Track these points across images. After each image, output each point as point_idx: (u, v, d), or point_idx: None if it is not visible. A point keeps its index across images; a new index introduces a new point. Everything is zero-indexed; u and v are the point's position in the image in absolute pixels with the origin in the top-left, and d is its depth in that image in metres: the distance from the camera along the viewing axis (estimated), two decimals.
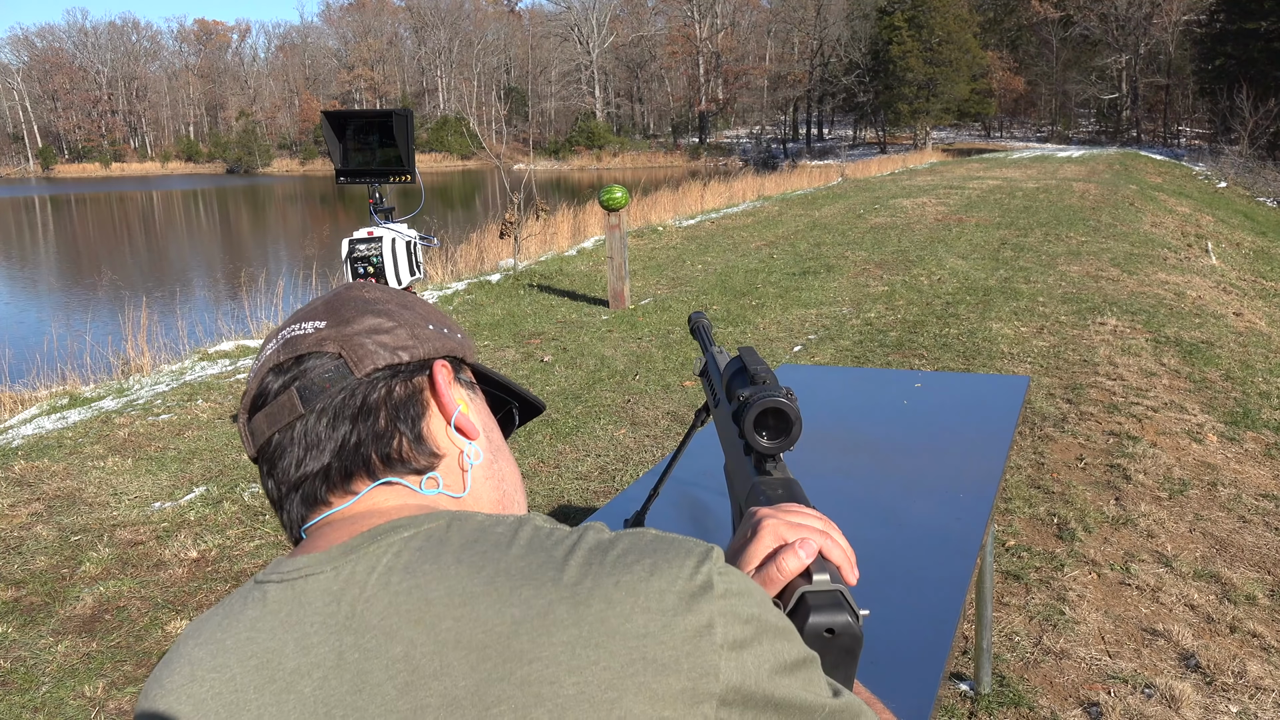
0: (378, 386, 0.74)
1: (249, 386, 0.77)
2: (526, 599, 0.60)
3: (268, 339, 0.79)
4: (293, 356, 0.74)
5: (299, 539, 0.75)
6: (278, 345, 0.76)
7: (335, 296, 0.80)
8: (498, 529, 0.66)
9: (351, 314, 0.77)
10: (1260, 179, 26.41)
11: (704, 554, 0.63)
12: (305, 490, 0.74)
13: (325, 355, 0.74)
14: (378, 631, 0.62)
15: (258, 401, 0.75)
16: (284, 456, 0.73)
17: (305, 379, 0.73)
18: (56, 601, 3.51)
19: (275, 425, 0.73)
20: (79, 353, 7.63)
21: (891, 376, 2.83)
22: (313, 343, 0.74)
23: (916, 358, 6.47)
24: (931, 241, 12.16)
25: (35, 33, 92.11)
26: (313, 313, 0.78)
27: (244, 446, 0.78)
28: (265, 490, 0.77)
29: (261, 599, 0.68)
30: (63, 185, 61.90)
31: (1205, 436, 4.94)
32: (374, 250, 3.22)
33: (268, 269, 15.97)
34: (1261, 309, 8.99)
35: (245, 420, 0.76)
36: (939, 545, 1.64)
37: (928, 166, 32.01)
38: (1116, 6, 54.29)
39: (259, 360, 0.77)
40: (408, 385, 0.76)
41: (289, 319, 0.79)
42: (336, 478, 0.73)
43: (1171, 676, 2.85)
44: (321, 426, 0.73)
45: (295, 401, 0.73)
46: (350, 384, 0.73)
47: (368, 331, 0.75)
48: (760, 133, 69.73)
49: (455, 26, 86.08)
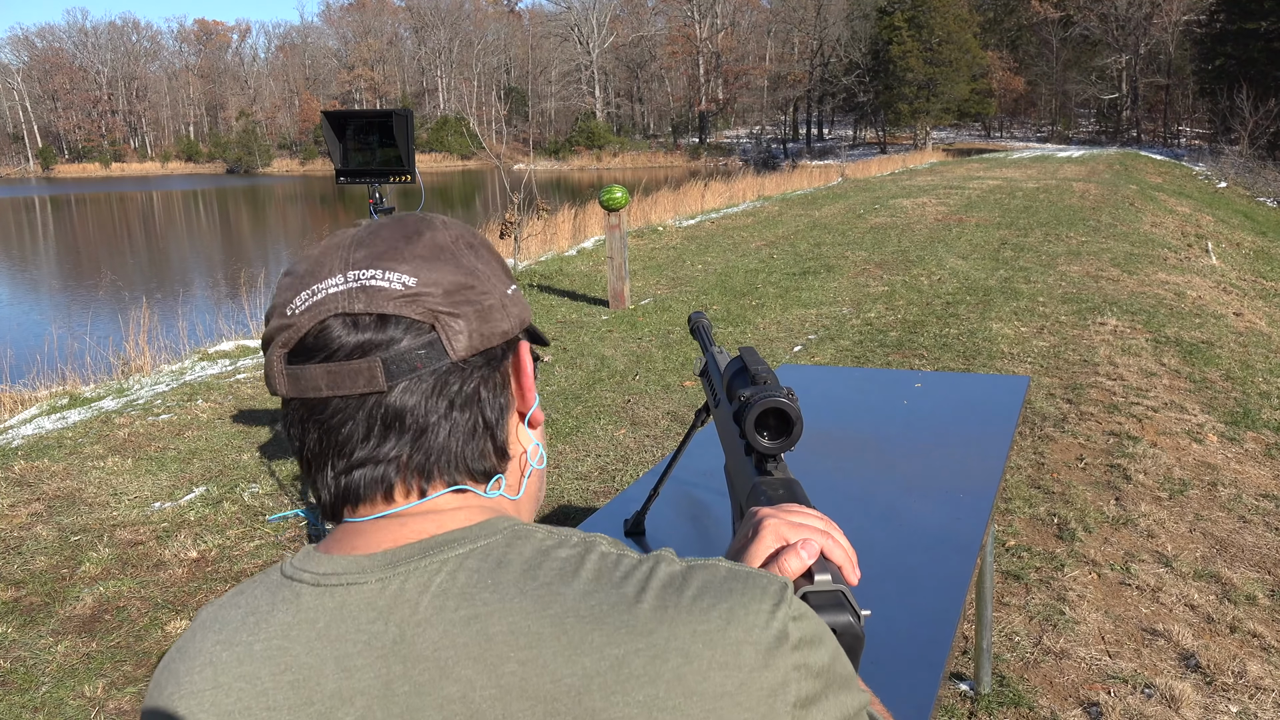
0: (472, 377, 0.66)
1: (295, 319, 0.64)
2: (598, 646, 0.56)
3: (324, 257, 0.66)
4: (374, 313, 0.63)
5: (335, 516, 0.67)
6: (349, 287, 0.63)
7: (413, 233, 0.67)
8: (560, 553, 0.61)
9: (442, 270, 0.66)
10: (1260, 179, 26.40)
11: (779, 595, 0.60)
12: (368, 477, 0.64)
13: (416, 325, 0.63)
14: (431, 664, 0.58)
15: (314, 347, 0.63)
16: (343, 425, 0.64)
17: (392, 352, 0.63)
18: (56, 601, 3.51)
19: (340, 389, 0.63)
20: (79, 353, 7.63)
21: (891, 376, 2.83)
22: (400, 303, 0.63)
23: (916, 358, 6.47)
24: (931, 241, 12.16)
25: (35, 33, 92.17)
26: (392, 253, 0.65)
27: (272, 383, 0.66)
28: (291, 434, 0.67)
29: (294, 601, 0.62)
30: (63, 185, 61.91)
31: (1205, 436, 4.94)
32: None
33: (267, 269, 15.98)
34: (1261, 309, 8.99)
35: (283, 359, 0.64)
36: (939, 545, 1.64)
37: (928, 166, 32.00)
38: (1116, 6, 54.28)
39: (314, 291, 0.64)
40: (498, 373, 0.68)
41: (353, 242, 0.66)
42: (412, 477, 0.65)
43: (1171, 676, 2.85)
44: (406, 414, 0.63)
45: (378, 376, 0.62)
46: (442, 368, 0.64)
47: (462, 299, 0.65)
48: (760, 133, 69.73)
49: (455, 26, 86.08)
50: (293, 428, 0.66)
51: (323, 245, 0.68)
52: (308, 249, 0.70)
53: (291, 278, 0.67)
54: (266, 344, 0.66)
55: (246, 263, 18.61)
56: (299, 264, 0.67)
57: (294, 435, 0.66)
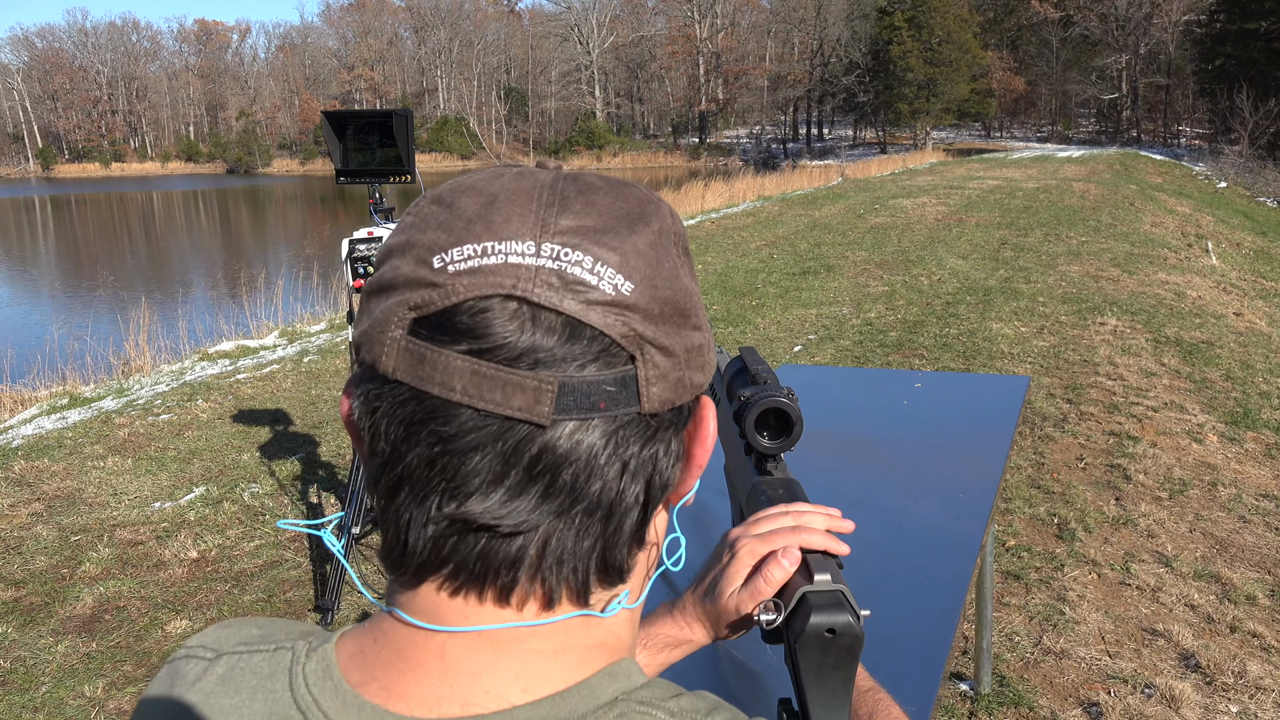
0: (655, 439, 0.48)
1: (448, 279, 0.45)
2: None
3: (508, 201, 0.47)
4: (566, 315, 0.45)
5: (399, 569, 0.48)
6: (541, 264, 0.45)
7: (638, 216, 0.49)
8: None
9: (661, 280, 0.48)
10: (1260, 179, 26.40)
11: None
12: (492, 553, 0.46)
13: (612, 350, 0.46)
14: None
15: (462, 328, 0.45)
16: (471, 452, 0.45)
17: (573, 376, 0.45)
18: (56, 601, 3.51)
19: (482, 400, 0.44)
20: (79, 353, 7.63)
21: (891, 376, 2.83)
22: (604, 312, 0.45)
23: (916, 358, 6.47)
24: (931, 241, 12.16)
25: (35, 33, 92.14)
26: (609, 234, 0.47)
27: (374, 347, 0.47)
28: (376, 429, 0.47)
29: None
30: (63, 185, 61.92)
31: (1205, 436, 4.94)
32: (374, 250, 3.22)
33: (267, 269, 15.98)
34: (1261, 309, 8.99)
35: (408, 325, 0.46)
36: (939, 545, 1.64)
37: (928, 166, 32.01)
38: (1116, 6, 54.29)
39: (486, 249, 0.46)
40: (679, 439, 0.50)
41: (555, 196, 0.48)
42: (544, 577, 0.47)
43: (1171, 676, 2.85)
44: (564, 466, 0.45)
45: (544, 403, 0.44)
46: (625, 418, 0.46)
47: (673, 328, 0.48)
48: (760, 133, 69.74)
49: (455, 26, 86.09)
50: (384, 420, 0.46)
51: (500, 182, 0.49)
52: (469, 175, 0.50)
53: (446, 212, 0.48)
54: (381, 289, 0.47)
55: (246, 263, 18.62)
56: (460, 196, 0.48)
57: (384, 434, 0.46)
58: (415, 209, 0.50)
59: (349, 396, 0.49)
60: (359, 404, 0.47)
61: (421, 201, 0.50)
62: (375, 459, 0.47)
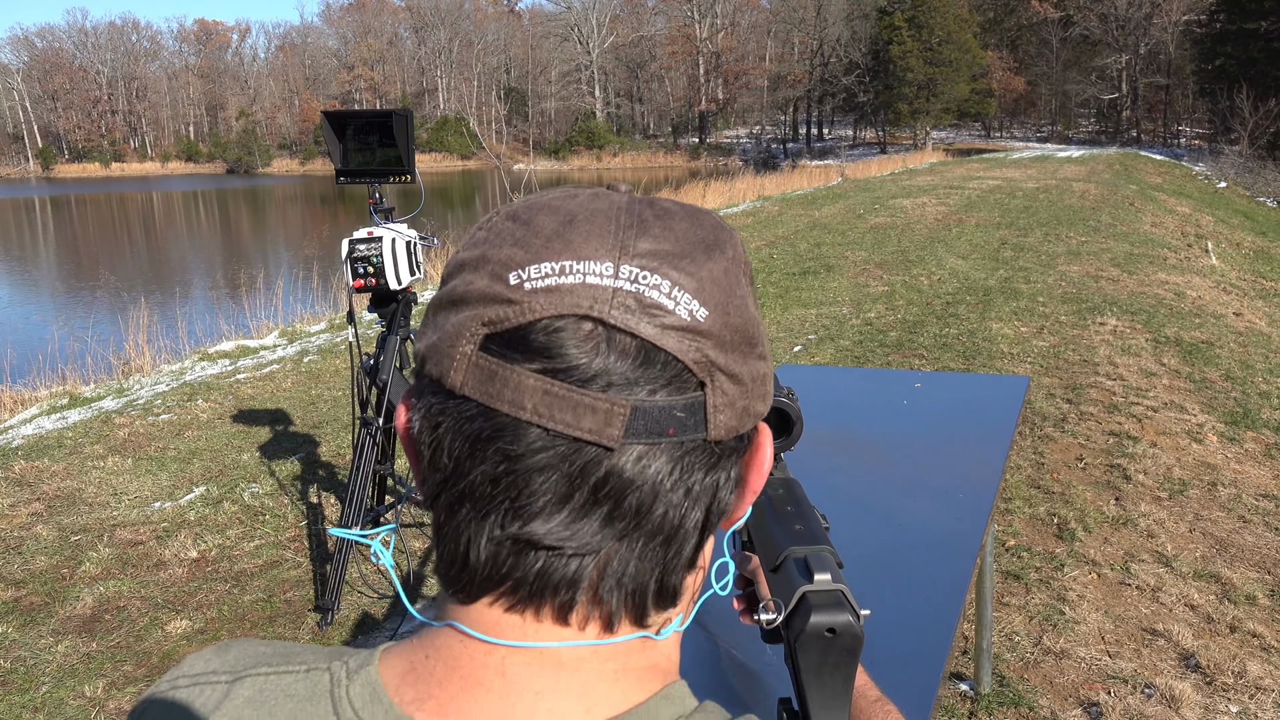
0: (718, 466, 0.47)
1: (524, 297, 0.44)
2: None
3: (586, 222, 0.47)
4: (642, 339, 0.44)
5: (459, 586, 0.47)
6: (619, 286, 0.45)
7: (713, 242, 0.49)
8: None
9: (732, 306, 0.47)
10: (1260, 179, 26.40)
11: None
12: (552, 571, 0.45)
13: (684, 376, 0.45)
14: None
15: (537, 347, 0.44)
16: (537, 472, 0.44)
17: (645, 400, 0.44)
18: (56, 601, 3.51)
19: (552, 420, 0.44)
20: (79, 353, 7.63)
21: (891, 376, 2.83)
22: (679, 338, 0.45)
23: (916, 358, 6.47)
24: (931, 241, 12.16)
25: (35, 33, 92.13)
26: (686, 260, 0.47)
27: (441, 361, 0.46)
28: (440, 442, 0.46)
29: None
30: (63, 185, 61.92)
31: (1205, 436, 4.94)
32: (374, 250, 3.22)
33: (267, 269, 15.98)
34: (1261, 309, 9.00)
35: (480, 341, 0.45)
36: (939, 545, 1.64)
37: (928, 166, 32.01)
38: (1116, 6, 54.29)
39: (565, 268, 0.45)
40: (737, 466, 0.49)
41: (633, 219, 0.47)
42: (603, 600, 0.46)
43: (1171, 676, 2.85)
44: (629, 491, 0.45)
45: (614, 427, 0.44)
46: (691, 445, 0.46)
47: (740, 357, 0.47)
48: (760, 133, 69.75)
49: (455, 26, 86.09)
50: (448, 435, 0.46)
51: (577, 202, 0.48)
52: (545, 194, 0.50)
53: (523, 229, 0.47)
54: (452, 302, 0.47)
55: (246, 263, 18.62)
56: (537, 213, 0.48)
57: (447, 448, 0.45)
58: (489, 224, 0.50)
59: (407, 408, 0.48)
60: (420, 418, 0.47)
61: (495, 217, 0.50)
62: (436, 474, 0.46)
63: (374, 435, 3.32)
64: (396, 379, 3.37)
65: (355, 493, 3.29)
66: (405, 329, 3.43)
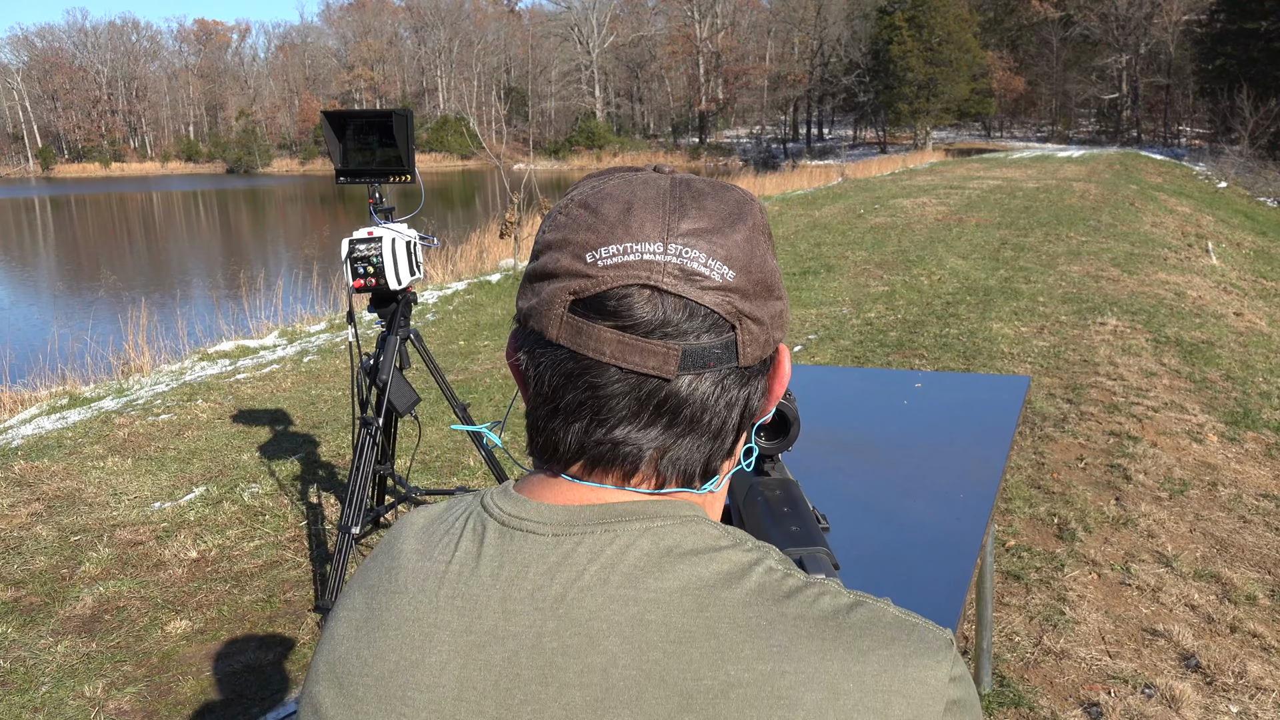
0: (750, 383, 0.64)
1: (598, 272, 0.61)
2: (747, 659, 0.56)
3: (640, 211, 0.62)
4: (687, 299, 0.60)
5: (550, 460, 0.65)
6: (668, 260, 0.60)
7: (738, 215, 0.64)
8: (731, 555, 0.61)
9: (754, 265, 0.63)
10: (1260, 179, 26.41)
11: (943, 653, 0.59)
12: (622, 454, 0.62)
13: (720, 323, 0.61)
14: (582, 631, 0.59)
15: (611, 310, 0.61)
16: (615, 397, 0.61)
17: (691, 343, 0.60)
18: (56, 601, 3.51)
19: (626, 362, 0.60)
20: (79, 353, 7.63)
21: (891, 376, 2.83)
22: (715, 295, 0.61)
23: (916, 358, 6.47)
24: (931, 241, 12.16)
25: (35, 33, 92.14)
26: (718, 234, 0.62)
27: (542, 321, 0.63)
28: (541, 376, 0.63)
29: (480, 533, 0.64)
30: (63, 186, 61.92)
31: (1205, 436, 4.94)
32: (374, 250, 3.22)
33: (267, 269, 15.98)
34: (1262, 309, 8.99)
35: (568, 305, 0.61)
36: (939, 545, 1.64)
37: (928, 166, 32.01)
38: (1116, 6, 54.29)
39: (626, 248, 0.61)
40: (765, 379, 0.66)
41: (675, 204, 0.63)
42: (660, 470, 0.63)
43: (1172, 676, 2.85)
44: (683, 407, 0.62)
45: (671, 364, 0.60)
46: (725, 372, 0.62)
47: (762, 302, 0.63)
48: (760, 133, 69.75)
49: (455, 26, 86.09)
50: (548, 371, 0.63)
51: (632, 190, 0.64)
52: (606, 182, 0.66)
53: (594, 217, 0.63)
54: (544, 274, 0.63)
55: (246, 263, 18.62)
56: (603, 202, 0.63)
57: (547, 380, 0.63)
58: (565, 210, 0.65)
59: (515, 350, 0.66)
60: (526, 358, 0.65)
61: (570, 204, 0.65)
62: (538, 397, 0.64)
63: (374, 435, 3.32)
64: (396, 379, 3.37)
65: (355, 493, 3.29)
66: (405, 329, 3.43)
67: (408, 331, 3.44)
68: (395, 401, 3.36)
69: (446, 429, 5.21)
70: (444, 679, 0.61)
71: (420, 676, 0.61)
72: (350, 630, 0.66)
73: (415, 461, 4.69)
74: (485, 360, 6.79)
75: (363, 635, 0.65)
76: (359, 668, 0.64)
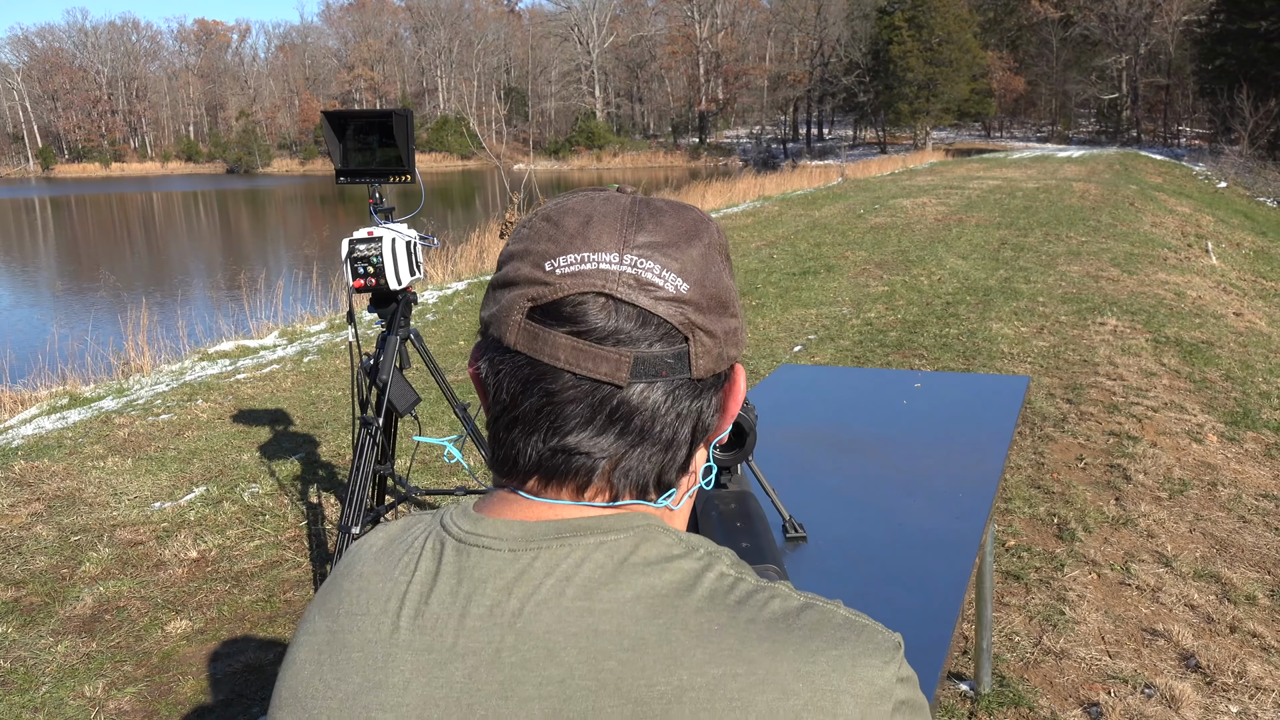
0: (701, 396, 0.65)
1: (555, 280, 0.62)
2: (699, 663, 0.57)
3: (598, 224, 0.63)
4: (640, 307, 0.61)
5: (509, 474, 0.66)
6: (622, 270, 0.62)
7: (694, 232, 0.65)
8: (683, 564, 0.62)
9: (709, 281, 0.64)
10: (1260, 179, 26.41)
11: (890, 654, 0.60)
12: (576, 465, 0.63)
13: (672, 333, 0.62)
14: (540, 644, 0.60)
15: (565, 316, 0.62)
16: (570, 403, 0.62)
17: (644, 351, 0.61)
18: (56, 601, 3.51)
19: (579, 368, 0.61)
20: (79, 353, 7.63)
21: (891, 376, 2.83)
22: (668, 306, 0.62)
23: (916, 358, 6.47)
24: (931, 241, 12.16)
25: (35, 33, 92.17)
26: (672, 248, 0.64)
27: (501, 328, 0.64)
28: (500, 384, 0.65)
29: (439, 551, 0.65)
30: (63, 186, 61.91)
31: (1205, 436, 4.94)
32: (374, 250, 3.22)
33: (268, 269, 15.98)
34: (1261, 309, 8.99)
35: (526, 312, 0.63)
36: (939, 545, 1.64)
37: (928, 166, 32.00)
38: (1116, 6, 54.30)
39: (583, 258, 0.62)
40: (718, 395, 0.67)
41: (632, 218, 0.64)
42: (613, 482, 0.64)
43: (1171, 676, 2.85)
44: (635, 415, 0.62)
45: (623, 371, 0.61)
46: (677, 383, 0.63)
47: (716, 317, 0.64)
48: (760, 133, 69.74)
49: (455, 26, 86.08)
50: (506, 378, 0.64)
51: (593, 205, 0.65)
52: (569, 199, 0.67)
53: (554, 229, 0.64)
54: (505, 283, 0.65)
55: (246, 263, 18.62)
56: (564, 216, 0.65)
57: (505, 387, 0.64)
58: (530, 224, 0.67)
59: (477, 359, 0.67)
60: (486, 365, 0.66)
61: (534, 219, 0.67)
62: (497, 406, 0.65)
63: (374, 435, 3.32)
64: (396, 379, 3.37)
65: (355, 493, 3.29)
66: (405, 329, 3.43)
67: (408, 331, 3.44)
68: (395, 401, 3.36)
69: (446, 429, 5.21)
70: (407, 699, 0.61)
71: (384, 697, 0.62)
72: (311, 654, 0.66)
73: (415, 461, 4.69)
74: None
75: (324, 659, 0.65)
76: (321, 691, 0.64)
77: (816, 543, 1.62)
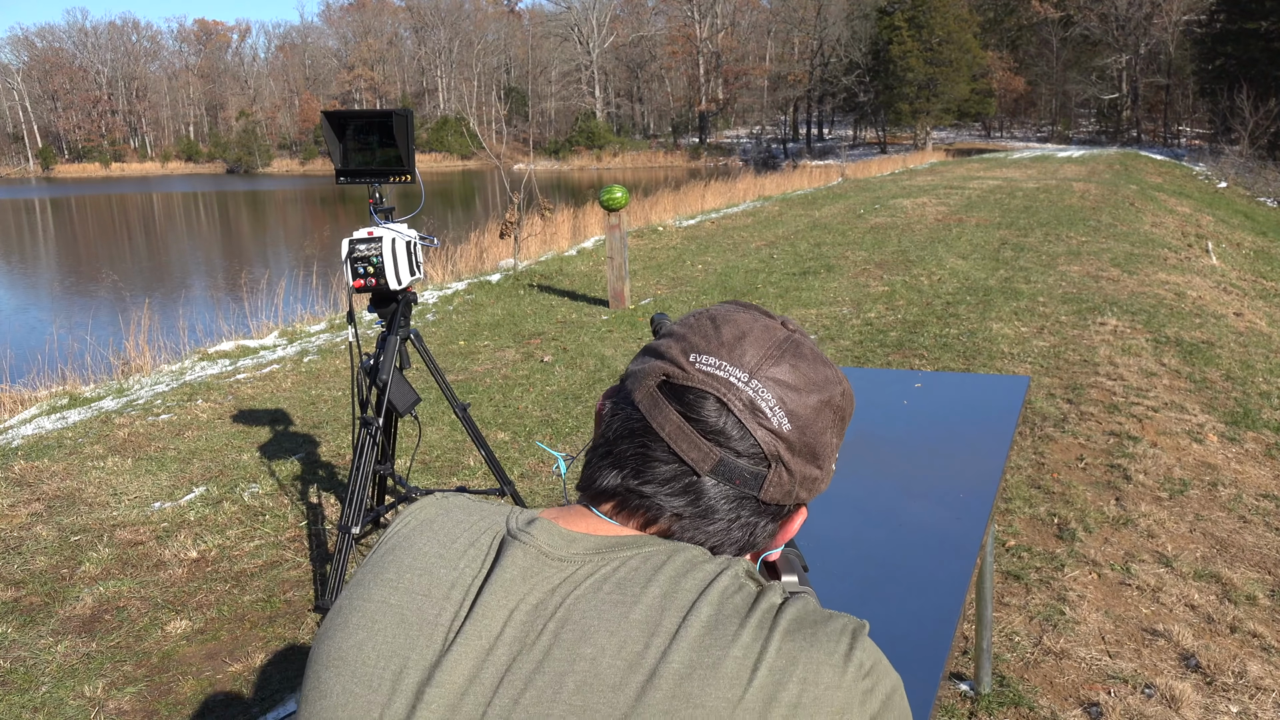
0: (761, 515, 0.75)
1: (693, 372, 0.74)
2: (706, 646, 0.67)
3: (750, 343, 0.75)
4: (742, 427, 0.72)
5: (588, 489, 0.77)
6: (745, 390, 0.73)
7: (822, 386, 0.76)
8: (706, 568, 0.71)
9: (812, 432, 0.75)
10: (1260, 179, 26.41)
11: (854, 632, 0.69)
12: (648, 506, 0.74)
13: (760, 456, 0.73)
14: (577, 627, 0.68)
15: (687, 400, 0.73)
16: (659, 463, 0.73)
17: (731, 457, 0.72)
18: (56, 601, 3.51)
19: (677, 444, 0.73)
20: (79, 353, 7.63)
21: (891, 376, 2.83)
22: (766, 436, 0.73)
23: (916, 358, 6.47)
24: (932, 241, 12.15)
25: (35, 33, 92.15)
26: (796, 393, 0.74)
27: (635, 385, 0.76)
28: (614, 426, 0.76)
29: (497, 550, 0.74)
30: (63, 186, 61.90)
31: (1205, 436, 4.94)
32: (374, 250, 3.22)
33: (269, 269, 15.98)
34: (1261, 309, 8.99)
35: (659, 382, 0.74)
36: (939, 545, 1.64)
37: (928, 166, 32.00)
38: (1116, 6, 54.29)
39: (721, 365, 0.74)
40: (776, 522, 0.77)
41: (779, 351, 0.76)
42: (673, 531, 0.74)
43: (1171, 676, 2.85)
44: (702, 499, 0.73)
45: (707, 464, 0.72)
46: (746, 495, 0.74)
47: (802, 464, 0.75)
48: (760, 133, 69.74)
49: (455, 26, 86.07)
50: (619, 422, 0.75)
51: (753, 327, 0.76)
52: (739, 312, 0.78)
53: (713, 330, 0.76)
54: (656, 353, 0.76)
55: (247, 263, 18.62)
56: (725, 324, 0.76)
57: (615, 429, 0.76)
58: (698, 317, 0.78)
59: (608, 399, 0.79)
60: (611, 406, 0.78)
61: (704, 314, 0.79)
62: (603, 439, 0.77)
63: (374, 435, 3.32)
64: (396, 379, 3.37)
65: (355, 493, 3.29)
66: (405, 329, 3.43)
67: (408, 331, 3.44)
68: (395, 401, 3.36)
69: (446, 429, 5.21)
70: (454, 677, 0.69)
71: (437, 675, 0.69)
72: (365, 620, 0.73)
73: (415, 461, 4.69)
74: (485, 360, 6.79)
75: (379, 628, 0.72)
76: (373, 659, 0.71)
77: (817, 543, 1.62)
